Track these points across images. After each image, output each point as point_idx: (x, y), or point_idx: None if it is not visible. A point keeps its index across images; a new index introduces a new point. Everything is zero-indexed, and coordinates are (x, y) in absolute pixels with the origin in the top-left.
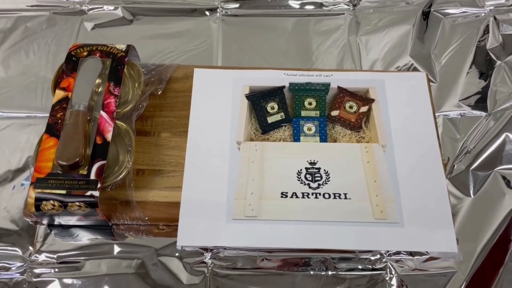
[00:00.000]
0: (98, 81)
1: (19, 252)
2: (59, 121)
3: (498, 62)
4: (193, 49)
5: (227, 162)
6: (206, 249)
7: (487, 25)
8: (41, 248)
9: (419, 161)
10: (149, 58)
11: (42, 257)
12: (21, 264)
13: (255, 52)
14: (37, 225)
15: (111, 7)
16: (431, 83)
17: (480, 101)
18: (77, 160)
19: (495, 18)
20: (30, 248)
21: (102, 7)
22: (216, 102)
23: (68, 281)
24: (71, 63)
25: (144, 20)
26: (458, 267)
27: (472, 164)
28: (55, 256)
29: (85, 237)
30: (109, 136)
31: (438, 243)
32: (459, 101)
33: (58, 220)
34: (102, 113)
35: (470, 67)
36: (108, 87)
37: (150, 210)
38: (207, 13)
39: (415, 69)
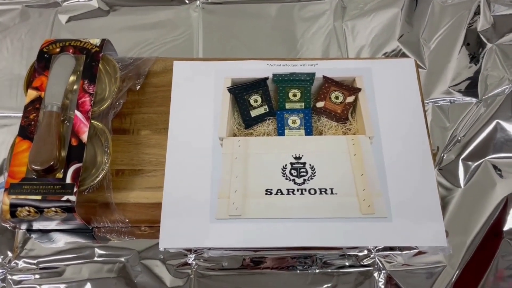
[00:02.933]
0: (72, 78)
1: None
2: (32, 122)
3: (489, 45)
4: (172, 40)
5: (209, 159)
6: (189, 250)
7: (478, 6)
8: (21, 254)
9: (407, 152)
10: (126, 51)
11: (22, 263)
12: (0, 271)
13: (237, 41)
14: (16, 230)
15: None
16: (419, 69)
17: (471, 87)
18: (51, 164)
19: None
20: (9, 254)
21: None
22: (197, 96)
23: (49, 287)
24: (43, 61)
25: (121, 11)
26: (448, 261)
27: (462, 153)
28: (35, 261)
29: (65, 241)
30: (84, 137)
31: (427, 237)
32: (448, 87)
33: (36, 226)
34: (77, 112)
35: (460, 51)
36: (83, 85)
37: (131, 212)
38: (186, 1)
39: (403, 55)
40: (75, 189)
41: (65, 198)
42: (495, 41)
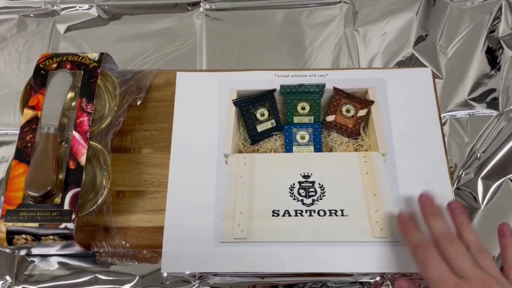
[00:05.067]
0: (70, 95)
1: None
2: (29, 144)
3: (511, 52)
4: (175, 50)
5: (213, 178)
6: (194, 276)
7: (499, 9)
8: (21, 279)
9: (423, 169)
10: (127, 62)
11: None
12: None
13: (242, 50)
14: (16, 254)
15: (85, 6)
16: (436, 79)
17: (491, 99)
18: (48, 189)
19: (507, 1)
20: (9, 279)
21: (75, 7)
22: (201, 110)
23: None
24: (40, 78)
25: (121, 19)
26: None
27: (482, 171)
28: (35, 287)
29: (66, 266)
30: (82, 160)
31: None
32: (467, 99)
33: (35, 251)
34: (75, 133)
35: (480, 59)
36: (80, 104)
37: (132, 236)
38: (189, 8)
39: (418, 63)
40: (73, 216)
41: (63, 225)
42: None
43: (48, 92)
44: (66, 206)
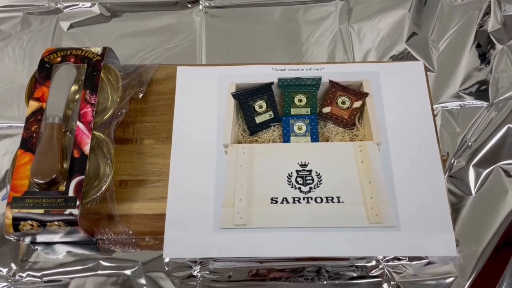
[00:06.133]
0: (74, 88)
1: (2, 271)
2: (34, 134)
3: (500, 46)
4: (175, 46)
5: (213, 167)
6: (195, 262)
7: (488, 6)
8: (25, 266)
9: (416, 158)
10: (129, 58)
11: (26, 277)
12: (5, 284)
13: (241, 46)
14: (20, 242)
15: (88, 4)
16: (428, 72)
17: (481, 90)
18: (53, 177)
19: None
20: (14, 266)
21: (78, 5)
22: (201, 102)
23: None
24: (44, 71)
25: (123, 16)
26: (458, 271)
27: (473, 159)
28: (40, 274)
29: (69, 254)
30: (86, 149)
31: (437, 247)
32: (458, 91)
33: (40, 239)
34: (79, 124)
35: (470, 53)
36: (84, 95)
37: (134, 223)
38: (189, 5)
39: (411, 57)
40: (77, 203)
41: (67, 211)
42: (506, 42)
43: (53, 84)
44: (71, 193)
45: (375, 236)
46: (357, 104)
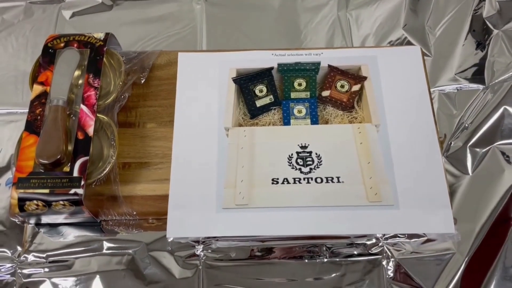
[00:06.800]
0: (77, 73)
1: (7, 253)
2: (39, 117)
3: (495, 31)
4: (176, 33)
5: (215, 150)
6: (197, 241)
7: None
8: (30, 248)
9: (414, 139)
10: (131, 45)
11: (31, 257)
12: (10, 265)
13: (241, 33)
14: (25, 224)
15: None
16: (425, 57)
17: (477, 74)
18: (58, 157)
19: None
20: (19, 248)
21: None
22: (202, 87)
23: (58, 280)
24: (48, 56)
25: (124, 5)
26: (456, 248)
27: (470, 140)
28: (44, 255)
29: (73, 235)
30: (90, 131)
31: (435, 224)
32: (455, 74)
33: (45, 220)
34: (83, 106)
35: (466, 38)
36: (88, 79)
37: (138, 204)
38: None
39: (408, 43)
40: (82, 182)
41: (72, 191)
42: (501, 27)
43: (57, 68)
44: (76, 174)
45: (375, 215)
46: (356, 87)
